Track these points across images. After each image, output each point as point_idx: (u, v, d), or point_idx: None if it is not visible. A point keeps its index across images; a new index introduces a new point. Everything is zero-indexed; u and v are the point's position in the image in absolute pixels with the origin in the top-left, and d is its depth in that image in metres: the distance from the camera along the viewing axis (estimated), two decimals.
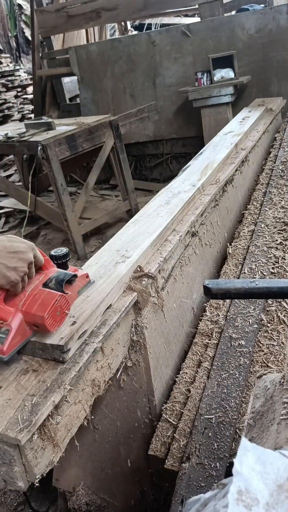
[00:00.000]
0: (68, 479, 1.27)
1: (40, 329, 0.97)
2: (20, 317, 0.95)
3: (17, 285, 0.95)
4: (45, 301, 0.95)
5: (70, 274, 1.05)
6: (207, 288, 0.84)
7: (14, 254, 0.95)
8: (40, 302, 0.95)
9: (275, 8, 4.24)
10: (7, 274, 0.93)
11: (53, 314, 0.95)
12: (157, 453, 1.18)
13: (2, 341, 0.92)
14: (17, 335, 0.94)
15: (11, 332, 0.93)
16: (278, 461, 0.43)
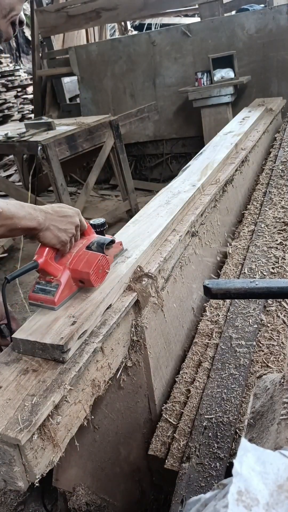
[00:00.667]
0: (68, 479, 1.27)
1: (85, 284, 1.11)
2: (68, 274, 1.10)
3: (66, 245, 1.09)
4: (89, 260, 1.10)
5: (109, 239, 1.21)
6: (207, 288, 0.84)
7: (64, 218, 1.08)
8: (85, 261, 1.10)
9: (275, 8, 4.24)
10: (58, 234, 1.06)
11: (97, 271, 1.10)
12: (157, 453, 1.18)
13: (53, 294, 1.07)
14: (65, 289, 1.08)
15: (60, 286, 1.07)
16: (278, 461, 0.43)
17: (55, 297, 1.06)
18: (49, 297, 1.07)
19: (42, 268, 1.07)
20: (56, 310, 1.07)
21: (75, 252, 1.13)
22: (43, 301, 1.08)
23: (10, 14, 1.03)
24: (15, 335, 1.01)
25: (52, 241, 1.06)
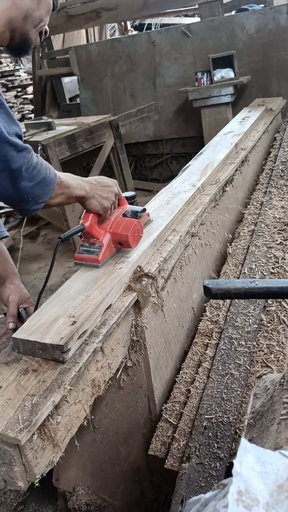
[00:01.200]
0: (68, 479, 1.27)
1: (124, 246, 1.29)
2: (109, 237, 1.27)
3: (107, 211, 1.26)
4: (127, 225, 1.28)
5: (142, 208, 1.39)
6: (207, 288, 0.84)
7: (106, 187, 1.24)
8: (123, 225, 1.28)
9: (275, 8, 4.24)
10: (101, 202, 1.22)
11: (133, 235, 1.28)
12: (157, 453, 1.18)
13: (97, 254, 1.24)
14: (107, 250, 1.26)
15: (103, 247, 1.25)
16: (278, 461, 0.43)
17: (99, 256, 1.24)
18: (94, 256, 1.25)
19: (87, 231, 1.24)
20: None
21: (113, 219, 1.29)
22: (88, 260, 1.26)
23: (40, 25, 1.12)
24: (15, 335, 1.01)
25: (96, 207, 1.22)
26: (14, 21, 1.06)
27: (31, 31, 1.11)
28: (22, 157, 1.00)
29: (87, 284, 1.16)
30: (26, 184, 1.01)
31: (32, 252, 4.23)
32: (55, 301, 1.11)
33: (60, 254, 4.09)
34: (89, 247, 1.27)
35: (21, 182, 1.01)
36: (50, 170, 1.08)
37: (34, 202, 1.05)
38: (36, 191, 1.04)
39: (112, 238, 1.28)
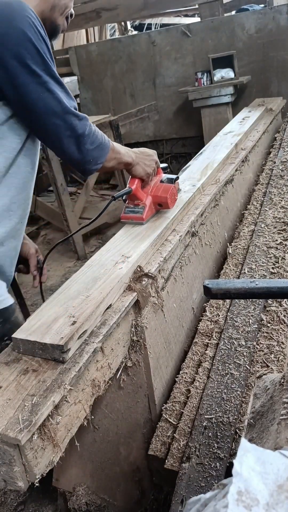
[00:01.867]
0: (68, 479, 1.27)
1: (163, 207, 1.51)
2: (150, 199, 1.49)
3: (150, 177, 1.48)
4: (165, 189, 1.50)
5: (176, 176, 1.59)
6: (207, 288, 0.84)
7: (148, 156, 1.45)
8: (162, 189, 1.50)
9: (275, 8, 4.24)
10: (145, 168, 1.43)
11: (171, 197, 1.50)
12: (157, 453, 1.18)
13: (141, 213, 1.47)
14: (149, 210, 1.49)
15: (146, 207, 1.47)
16: (278, 461, 0.43)
17: (143, 215, 1.47)
18: (138, 215, 1.47)
19: (133, 193, 1.45)
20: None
21: (153, 184, 1.52)
22: (133, 218, 1.48)
23: (65, 11, 1.23)
24: (15, 335, 1.01)
25: (141, 173, 1.43)
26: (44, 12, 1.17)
27: (59, 18, 1.22)
28: (83, 125, 1.20)
29: (87, 284, 1.16)
30: (88, 147, 1.21)
31: None
32: (55, 301, 1.11)
33: (60, 254, 4.09)
34: (133, 208, 1.49)
35: (84, 145, 1.20)
36: (104, 137, 1.27)
37: (94, 163, 1.25)
38: (95, 154, 1.23)
39: (153, 200, 1.50)
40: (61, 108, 1.14)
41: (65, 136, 1.17)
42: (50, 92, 1.12)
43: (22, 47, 1.06)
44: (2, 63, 1.06)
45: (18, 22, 1.05)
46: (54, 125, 1.15)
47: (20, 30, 1.05)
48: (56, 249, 4.50)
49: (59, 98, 1.14)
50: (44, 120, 1.14)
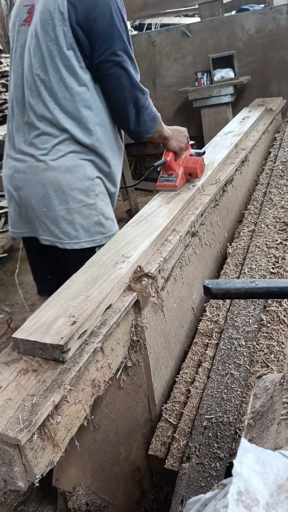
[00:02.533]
0: (68, 479, 1.27)
1: (192, 176, 1.79)
2: (182, 169, 1.76)
3: (182, 151, 1.77)
4: (195, 161, 1.78)
5: (203, 151, 1.89)
6: (207, 288, 0.84)
7: (181, 133, 1.75)
8: (192, 161, 1.78)
9: (275, 8, 4.24)
10: (179, 143, 1.73)
11: (200, 168, 1.78)
12: (157, 453, 1.18)
13: (175, 181, 1.74)
14: (181, 179, 1.75)
15: (178, 176, 1.74)
16: (278, 461, 0.43)
17: (176, 183, 1.73)
18: (172, 183, 1.74)
19: (168, 164, 1.73)
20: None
21: (183, 157, 1.79)
22: (168, 186, 1.75)
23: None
24: (15, 335, 1.01)
25: (175, 147, 1.72)
26: None
27: None
28: (145, 99, 1.46)
29: (87, 284, 1.16)
30: (145, 118, 1.49)
31: None
32: (55, 301, 1.11)
33: None
34: (167, 177, 1.76)
35: (142, 116, 1.48)
36: (156, 111, 1.55)
37: (146, 132, 1.55)
38: (149, 124, 1.53)
39: (184, 171, 1.77)
40: (131, 83, 1.41)
41: (130, 107, 1.44)
42: (124, 69, 1.38)
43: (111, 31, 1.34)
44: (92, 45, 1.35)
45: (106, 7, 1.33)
46: (122, 97, 1.43)
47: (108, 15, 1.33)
48: None
49: (131, 75, 1.40)
50: (116, 92, 1.42)
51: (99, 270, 1.22)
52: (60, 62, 1.38)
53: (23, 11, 1.49)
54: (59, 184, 1.45)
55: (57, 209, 1.47)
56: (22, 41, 1.47)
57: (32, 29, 1.42)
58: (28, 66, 1.44)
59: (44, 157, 1.46)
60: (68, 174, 1.45)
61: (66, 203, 1.47)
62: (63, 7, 1.33)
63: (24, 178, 1.50)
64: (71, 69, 1.39)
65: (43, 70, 1.41)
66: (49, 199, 1.47)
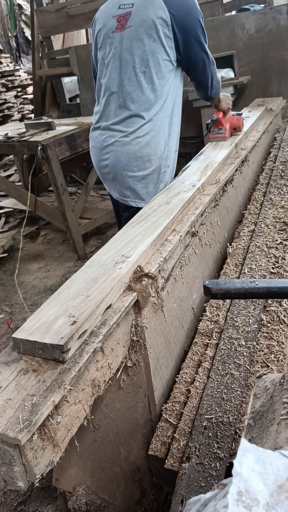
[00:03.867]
0: (68, 479, 1.27)
1: (236, 130, 2.42)
2: (228, 125, 2.39)
3: (229, 111, 2.38)
4: (238, 118, 2.42)
5: (241, 112, 2.62)
6: (207, 288, 0.84)
7: (227, 97, 2.34)
8: (235, 119, 2.41)
9: (275, 8, 4.23)
10: (227, 105, 2.34)
11: (241, 124, 2.43)
12: (157, 453, 1.18)
13: (224, 133, 2.36)
14: (229, 131, 2.39)
15: (227, 130, 2.38)
16: (278, 461, 0.43)
17: (226, 134, 2.37)
18: (222, 135, 2.36)
19: (219, 121, 2.34)
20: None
21: (228, 116, 2.40)
22: (219, 138, 2.37)
23: None
24: (15, 335, 1.01)
25: (224, 108, 2.34)
26: None
27: None
28: (215, 70, 2.10)
29: (87, 284, 1.16)
30: (216, 85, 2.16)
31: (32, 252, 4.23)
32: (55, 301, 1.11)
33: (60, 254, 4.09)
34: (218, 131, 2.37)
35: (214, 81, 2.13)
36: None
37: (215, 93, 2.20)
38: (217, 87, 2.18)
39: (230, 126, 2.40)
40: (209, 62, 2.04)
41: (208, 78, 2.08)
42: (206, 53, 2.00)
43: (198, 31, 1.94)
44: (186, 41, 1.93)
45: (195, 13, 1.94)
46: (204, 72, 2.05)
47: (196, 19, 1.94)
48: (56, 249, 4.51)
49: (209, 57, 2.02)
50: (201, 69, 2.04)
51: (99, 270, 1.22)
52: (160, 57, 1.93)
53: (112, 21, 1.99)
54: (140, 155, 2.01)
55: (135, 174, 2.04)
56: (116, 44, 1.97)
57: (130, 33, 1.93)
58: (128, 62, 1.95)
59: (131, 135, 2.00)
60: (147, 148, 2.01)
61: (143, 170, 2.04)
62: (166, 17, 1.86)
63: (112, 149, 2.04)
64: (167, 62, 1.95)
65: (144, 64, 1.93)
66: (130, 166, 2.02)
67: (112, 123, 2.05)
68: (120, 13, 1.97)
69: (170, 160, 2.15)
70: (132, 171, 2.03)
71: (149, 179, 2.06)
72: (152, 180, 2.07)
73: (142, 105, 1.97)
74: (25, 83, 8.04)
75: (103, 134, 2.09)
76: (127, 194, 2.10)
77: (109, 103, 2.05)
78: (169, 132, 2.10)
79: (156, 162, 2.05)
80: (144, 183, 2.06)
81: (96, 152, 2.15)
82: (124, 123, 2.01)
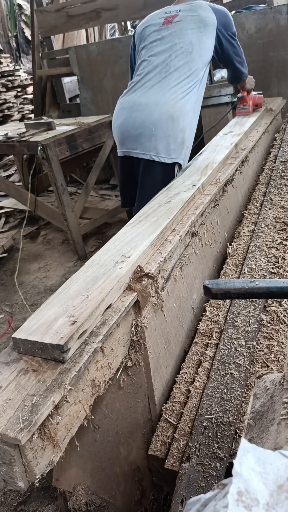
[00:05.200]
0: (68, 479, 1.27)
1: (258, 106, 2.97)
2: (251, 102, 2.87)
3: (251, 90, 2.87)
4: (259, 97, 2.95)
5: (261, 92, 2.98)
6: (207, 288, 0.84)
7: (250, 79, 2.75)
8: (257, 97, 2.93)
9: (275, 8, 4.23)
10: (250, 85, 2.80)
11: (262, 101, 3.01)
12: (157, 453, 1.18)
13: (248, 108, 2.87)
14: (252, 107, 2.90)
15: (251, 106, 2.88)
16: (278, 461, 0.43)
17: (249, 110, 2.83)
18: (247, 110, 2.83)
19: (244, 98, 2.83)
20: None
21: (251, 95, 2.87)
22: (243, 112, 2.84)
23: None
24: (15, 335, 1.01)
25: (248, 88, 2.80)
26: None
27: None
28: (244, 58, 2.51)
29: (87, 284, 1.16)
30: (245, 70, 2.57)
31: (32, 252, 4.23)
32: (55, 301, 1.11)
33: (60, 254, 4.09)
34: (243, 107, 2.84)
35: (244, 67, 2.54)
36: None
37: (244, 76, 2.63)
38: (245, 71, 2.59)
39: (253, 103, 2.86)
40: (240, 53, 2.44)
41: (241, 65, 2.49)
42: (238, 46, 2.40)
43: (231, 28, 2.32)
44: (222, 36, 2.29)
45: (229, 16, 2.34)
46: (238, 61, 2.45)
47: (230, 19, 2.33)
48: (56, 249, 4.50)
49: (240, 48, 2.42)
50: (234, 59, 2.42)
51: (99, 270, 1.22)
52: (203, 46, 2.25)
53: (158, 20, 2.36)
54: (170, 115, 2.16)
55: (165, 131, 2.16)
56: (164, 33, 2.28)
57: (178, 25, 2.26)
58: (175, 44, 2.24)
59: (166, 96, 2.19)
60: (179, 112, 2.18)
61: (172, 129, 2.16)
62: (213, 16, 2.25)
63: (144, 109, 2.19)
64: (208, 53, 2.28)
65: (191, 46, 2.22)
66: (161, 121, 2.16)
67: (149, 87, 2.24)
68: (167, 16, 2.35)
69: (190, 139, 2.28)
70: (162, 127, 2.15)
71: (175, 137, 2.19)
72: (178, 139, 2.19)
73: (180, 77, 2.20)
74: (25, 83, 8.04)
75: (137, 94, 2.27)
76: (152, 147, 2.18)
77: (148, 72, 2.26)
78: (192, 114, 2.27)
79: (183, 125, 2.20)
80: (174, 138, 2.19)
81: (124, 112, 2.28)
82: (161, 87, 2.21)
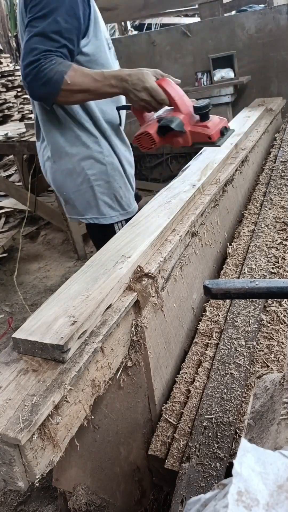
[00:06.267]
0: (68, 479, 1.27)
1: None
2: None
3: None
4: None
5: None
6: (207, 288, 0.84)
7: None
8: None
9: (275, 8, 4.24)
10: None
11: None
12: (157, 453, 1.18)
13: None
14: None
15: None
16: (278, 461, 0.43)
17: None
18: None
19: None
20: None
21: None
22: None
23: None
24: (15, 335, 1.01)
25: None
26: None
27: None
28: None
29: (87, 284, 1.16)
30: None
31: (32, 252, 4.24)
32: (55, 301, 1.11)
33: (60, 254, 4.09)
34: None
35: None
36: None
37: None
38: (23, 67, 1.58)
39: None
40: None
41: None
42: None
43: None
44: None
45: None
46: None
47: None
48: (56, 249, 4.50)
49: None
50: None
51: (99, 270, 1.22)
52: None
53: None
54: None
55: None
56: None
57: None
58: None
59: None
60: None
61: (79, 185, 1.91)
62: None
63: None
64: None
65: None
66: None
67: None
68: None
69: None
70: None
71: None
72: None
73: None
74: None
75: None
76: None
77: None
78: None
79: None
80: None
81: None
82: None
